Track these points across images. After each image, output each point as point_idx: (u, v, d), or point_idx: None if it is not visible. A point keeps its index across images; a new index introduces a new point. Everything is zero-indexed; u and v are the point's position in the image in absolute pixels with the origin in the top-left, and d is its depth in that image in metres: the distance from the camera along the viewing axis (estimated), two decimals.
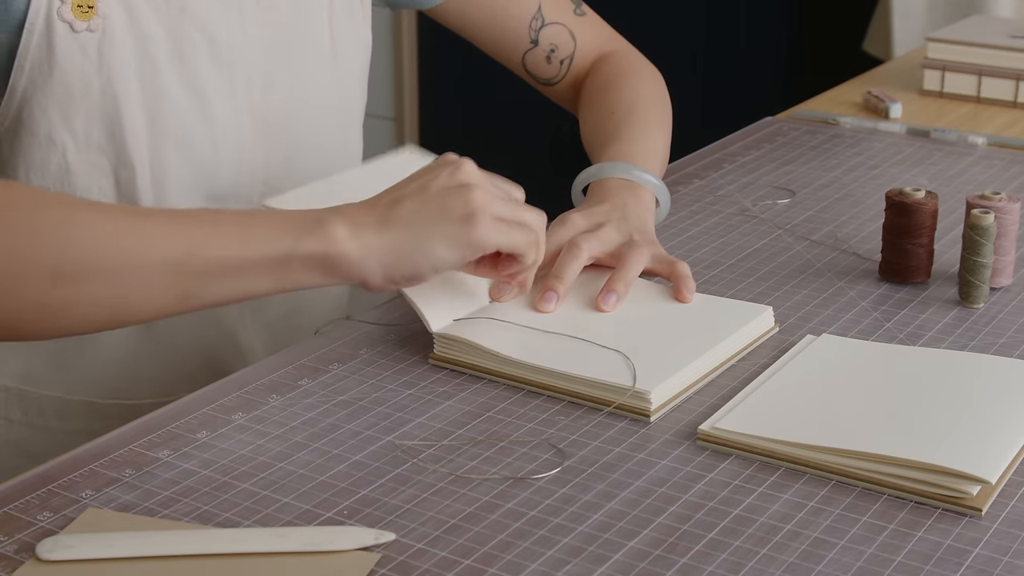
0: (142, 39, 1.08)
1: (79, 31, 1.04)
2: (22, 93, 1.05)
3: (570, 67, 1.35)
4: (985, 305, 1.12)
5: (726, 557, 0.79)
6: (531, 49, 1.33)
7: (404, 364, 1.02)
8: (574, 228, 1.11)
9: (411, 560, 0.79)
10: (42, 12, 1.03)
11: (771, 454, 0.89)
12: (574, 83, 1.37)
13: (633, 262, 1.08)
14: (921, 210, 1.15)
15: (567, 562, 0.78)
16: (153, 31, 1.08)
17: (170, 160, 1.11)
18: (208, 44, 1.11)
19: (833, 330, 1.08)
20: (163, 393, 1.16)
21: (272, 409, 0.96)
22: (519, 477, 0.87)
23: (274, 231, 0.92)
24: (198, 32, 1.10)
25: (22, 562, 0.78)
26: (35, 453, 1.15)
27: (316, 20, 1.19)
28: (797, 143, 1.57)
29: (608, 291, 1.06)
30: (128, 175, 1.09)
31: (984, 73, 1.75)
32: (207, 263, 0.90)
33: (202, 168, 1.13)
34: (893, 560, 0.79)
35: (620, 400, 0.95)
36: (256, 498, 0.85)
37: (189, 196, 1.13)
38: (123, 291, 0.90)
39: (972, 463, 0.84)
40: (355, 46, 1.23)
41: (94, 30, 1.05)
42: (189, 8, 1.09)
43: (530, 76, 1.36)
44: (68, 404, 1.16)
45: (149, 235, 0.89)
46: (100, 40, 1.06)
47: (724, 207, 1.35)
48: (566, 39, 1.34)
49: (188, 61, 1.10)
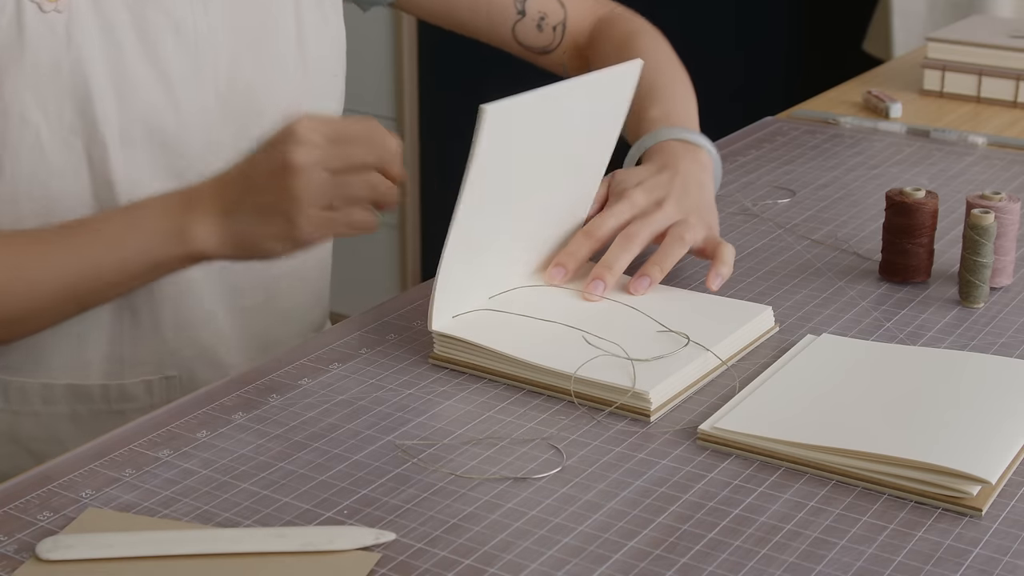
0: (107, 21, 1.09)
1: (47, 11, 1.05)
2: None
3: (564, 32, 1.35)
4: (985, 305, 1.12)
5: (726, 557, 0.79)
6: (519, 20, 1.33)
7: (404, 364, 1.02)
8: (633, 207, 1.11)
9: (411, 560, 0.79)
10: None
11: (771, 454, 0.89)
12: (574, 48, 1.37)
13: (672, 250, 1.09)
14: (921, 210, 1.15)
15: (567, 562, 0.78)
16: (117, 14, 1.09)
17: (139, 140, 1.11)
18: (173, 28, 1.12)
19: (833, 330, 1.08)
20: (149, 372, 1.17)
21: (272, 409, 0.96)
22: (519, 477, 0.87)
23: (143, 243, 1.02)
24: (163, 16, 1.11)
25: (22, 562, 0.78)
26: (22, 439, 1.15)
27: (281, 6, 1.19)
28: (797, 143, 1.57)
29: (642, 275, 1.07)
30: (100, 154, 1.10)
31: (984, 73, 1.75)
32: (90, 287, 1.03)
33: (171, 148, 1.13)
34: (893, 560, 0.79)
35: (620, 400, 0.95)
36: (256, 498, 0.85)
37: (160, 175, 1.13)
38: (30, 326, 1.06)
39: (972, 463, 0.84)
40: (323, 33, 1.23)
41: (61, 11, 1.06)
42: None
43: (524, 48, 1.36)
44: (51, 388, 1.15)
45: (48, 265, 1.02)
46: (68, 21, 1.07)
47: (724, 207, 1.35)
48: (554, 5, 1.34)
49: (153, 44, 1.11)
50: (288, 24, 1.20)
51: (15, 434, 1.16)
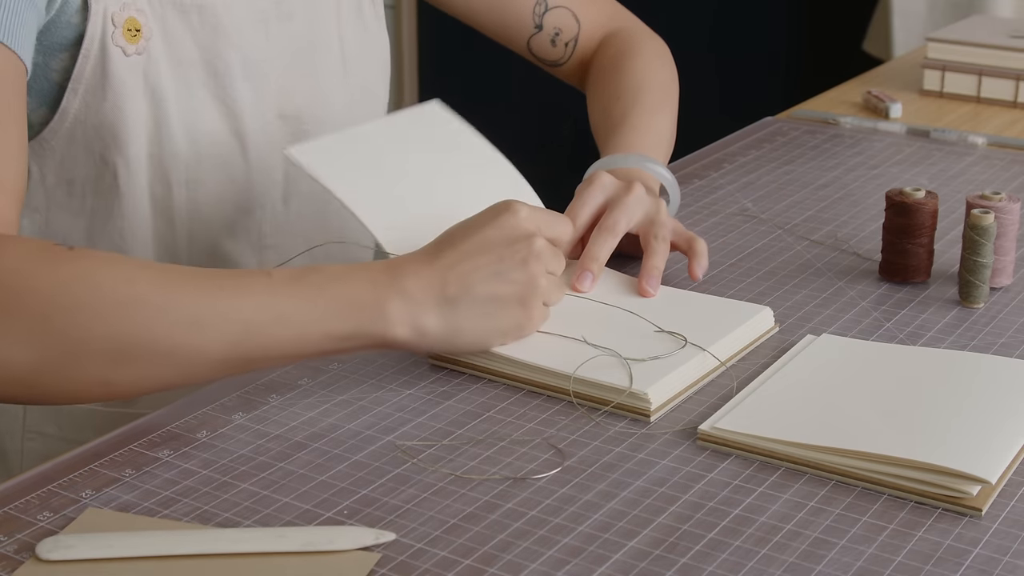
0: (178, 59, 1.10)
1: (130, 55, 1.06)
2: (74, 116, 1.07)
3: (575, 48, 1.37)
4: (985, 305, 1.12)
5: (726, 557, 0.79)
6: (535, 34, 1.35)
7: (404, 364, 1.02)
8: (604, 190, 1.11)
9: (411, 560, 0.79)
10: (97, 37, 1.05)
11: (771, 454, 0.89)
12: (581, 63, 1.38)
13: (659, 249, 1.10)
14: (921, 210, 1.15)
15: (567, 562, 0.78)
16: (189, 51, 1.10)
17: (206, 176, 1.14)
18: (241, 61, 1.13)
19: (833, 330, 1.08)
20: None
21: (272, 409, 0.96)
22: (519, 477, 0.87)
23: (333, 315, 0.90)
24: (232, 50, 1.12)
25: (22, 562, 0.78)
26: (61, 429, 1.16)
27: (326, 26, 1.20)
28: (797, 143, 1.57)
29: (648, 277, 1.08)
30: (164, 191, 1.12)
31: (984, 73, 1.75)
32: (265, 344, 0.89)
33: (235, 181, 1.16)
34: (893, 560, 0.79)
35: (618, 400, 0.95)
36: (256, 498, 0.85)
37: (223, 206, 1.15)
38: (179, 370, 0.89)
39: (972, 463, 0.84)
40: (365, 46, 1.24)
41: (141, 52, 1.07)
42: (222, 27, 1.11)
43: (536, 59, 1.38)
44: (104, 417, 1.16)
45: (205, 316, 0.88)
46: (146, 63, 1.08)
47: (724, 207, 1.35)
48: (570, 22, 1.35)
49: (221, 78, 1.12)
50: (332, 43, 1.21)
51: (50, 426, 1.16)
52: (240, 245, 1.18)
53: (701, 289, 1.12)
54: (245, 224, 1.18)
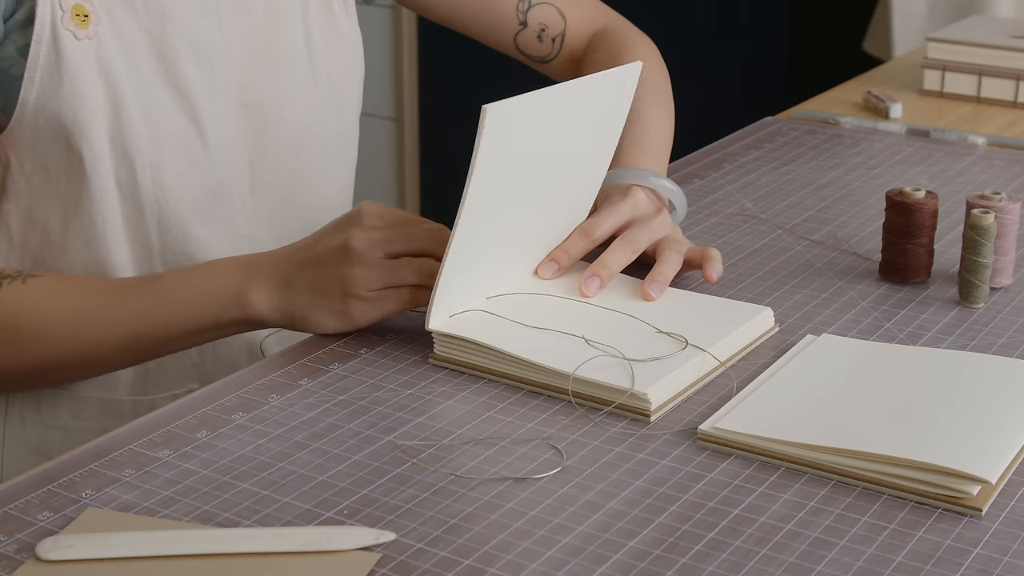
0: (128, 44, 1.11)
1: (81, 39, 1.07)
2: (34, 104, 1.07)
3: (563, 44, 1.38)
4: (985, 305, 1.12)
5: (726, 557, 0.79)
6: (521, 31, 1.36)
7: (404, 364, 1.02)
8: (634, 209, 1.12)
9: (411, 560, 0.79)
10: (47, 23, 1.06)
11: (771, 454, 0.89)
12: (570, 59, 1.39)
13: (671, 259, 1.11)
14: (921, 210, 1.15)
15: (567, 562, 0.78)
16: (136, 37, 1.11)
17: (167, 159, 1.14)
18: (191, 47, 1.14)
19: (833, 330, 1.08)
20: (175, 386, 1.20)
21: (272, 409, 0.96)
22: (519, 477, 0.87)
23: (204, 303, 1.05)
24: (180, 36, 1.13)
25: (22, 562, 0.78)
26: (49, 453, 1.16)
27: (290, 20, 1.22)
28: (797, 143, 1.58)
29: (652, 280, 1.09)
30: (129, 176, 1.12)
31: (984, 73, 1.75)
32: (152, 340, 1.07)
33: (196, 165, 1.16)
34: (893, 560, 0.79)
35: (619, 400, 0.95)
36: (256, 498, 0.85)
37: (187, 190, 1.16)
38: (90, 371, 1.11)
39: (972, 463, 0.84)
40: (334, 43, 1.25)
41: (91, 37, 1.08)
42: (169, 14, 1.13)
43: (525, 56, 1.40)
44: (82, 402, 1.17)
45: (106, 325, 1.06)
46: (98, 47, 1.09)
47: (724, 207, 1.35)
48: (555, 17, 1.36)
49: (172, 64, 1.13)
50: (296, 37, 1.22)
51: (44, 449, 1.17)
52: (213, 233, 1.19)
53: (701, 289, 1.12)
54: (214, 211, 1.19)
